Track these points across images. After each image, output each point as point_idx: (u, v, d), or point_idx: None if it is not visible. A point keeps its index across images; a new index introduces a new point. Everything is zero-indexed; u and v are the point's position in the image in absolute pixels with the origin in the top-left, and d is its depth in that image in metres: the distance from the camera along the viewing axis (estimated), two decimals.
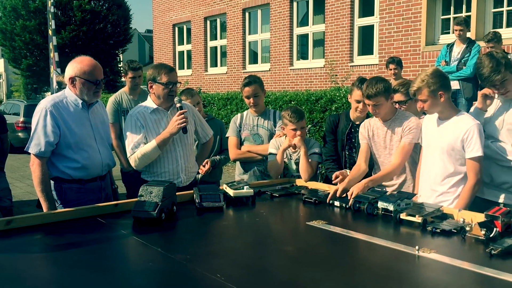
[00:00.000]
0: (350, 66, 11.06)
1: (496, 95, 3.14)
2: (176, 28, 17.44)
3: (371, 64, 10.48)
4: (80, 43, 21.86)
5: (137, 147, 3.34)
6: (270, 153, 3.77)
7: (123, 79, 5.09)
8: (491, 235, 2.22)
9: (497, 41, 6.46)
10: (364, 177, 3.28)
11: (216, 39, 15.82)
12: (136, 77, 4.91)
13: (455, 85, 6.95)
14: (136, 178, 3.48)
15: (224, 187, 3.11)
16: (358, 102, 3.61)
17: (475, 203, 2.93)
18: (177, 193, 2.86)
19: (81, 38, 22.06)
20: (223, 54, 15.47)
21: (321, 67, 11.79)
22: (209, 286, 1.76)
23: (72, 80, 3.12)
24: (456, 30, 6.91)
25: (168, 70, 3.38)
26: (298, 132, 3.59)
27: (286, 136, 3.70)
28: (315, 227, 2.52)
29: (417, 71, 7.18)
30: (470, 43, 6.87)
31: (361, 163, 3.42)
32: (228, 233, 2.55)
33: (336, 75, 10.76)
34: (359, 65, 10.87)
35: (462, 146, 2.97)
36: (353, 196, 2.89)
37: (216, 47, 15.82)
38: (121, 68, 5.20)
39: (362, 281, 1.84)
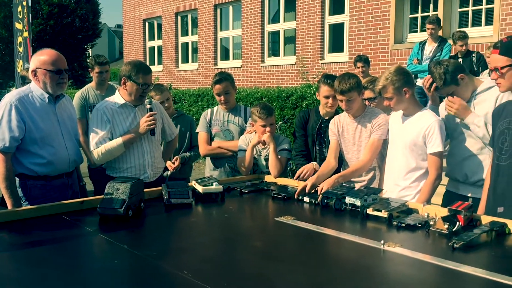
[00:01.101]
0: (321, 63, 11.15)
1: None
2: (147, 24, 17.23)
3: (341, 62, 10.59)
4: (47, 37, 21.38)
5: (102, 143, 3.32)
6: (240, 149, 3.77)
7: (91, 74, 4.99)
8: (454, 229, 2.27)
9: (462, 38, 6.61)
10: (334, 173, 3.32)
11: (187, 35, 15.70)
12: (103, 72, 4.83)
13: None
14: (104, 175, 3.43)
15: (193, 183, 3.10)
16: (327, 97, 3.64)
17: (451, 198, 2.98)
18: (145, 190, 2.84)
19: (48, 32, 21.57)
20: (195, 50, 15.37)
21: (292, 64, 11.85)
22: (175, 283, 1.75)
23: (35, 73, 3.06)
24: (428, 29, 7.04)
25: (146, 71, 3.37)
26: (268, 129, 3.60)
27: (256, 132, 3.71)
28: (283, 222, 2.53)
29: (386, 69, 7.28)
30: (441, 41, 7.02)
31: (330, 159, 3.46)
32: (196, 230, 2.54)
33: (307, 72, 10.84)
34: (330, 63, 10.97)
35: (424, 142, 3.04)
36: (322, 192, 2.92)
37: (187, 43, 15.70)
38: (89, 63, 5.11)
39: (328, 275, 1.86)
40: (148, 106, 3.39)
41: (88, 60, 5.04)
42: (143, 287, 1.73)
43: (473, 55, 6.69)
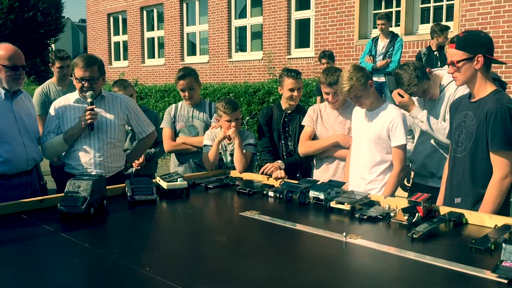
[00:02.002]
0: (288, 58, 11.20)
1: None
2: (111, 18, 16.91)
3: (308, 57, 10.67)
4: (8, 32, 20.71)
5: (47, 137, 3.32)
6: (205, 145, 3.75)
7: (52, 69, 4.87)
8: (413, 220, 2.32)
9: (440, 30, 6.73)
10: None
11: (153, 30, 15.50)
12: (64, 67, 4.71)
13: (381, 78, 7.23)
14: (66, 173, 3.36)
15: (158, 179, 3.07)
16: (292, 90, 3.68)
17: (421, 191, 3.04)
18: (108, 187, 2.79)
19: (9, 27, 20.91)
20: (161, 46, 15.19)
21: (259, 60, 11.86)
22: (137, 280, 1.73)
23: None
24: (378, 25, 7.17)
25: (82, 64, 3.26)
26: (233, 124, 3.60)
27: (221, 127, 3.70)
28: (248, 217, 2.54)
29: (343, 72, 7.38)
30: (393, 37, 7.15)
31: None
32: (160, 226, 2.52)
33: (274, 68, 10.87)
34: (296, 58, 11.04)
35: (388, 135, 3.10)
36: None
37: (153, 38, 15.50)
38: (49, 58, 4.93)
39: (290, 268, 1.87)
40: (88, 100, 3.28)
41: (49, 55, 4.90)
42: (103, 285, 1.71)
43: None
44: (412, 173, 3.44)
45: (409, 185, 3.51)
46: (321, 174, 3.53)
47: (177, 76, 3.97)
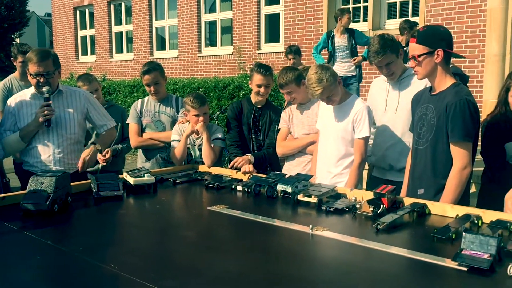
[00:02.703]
0: (258, 53, 11.20)
1: (386, 80, 3.34)
2: (78, 12, 16.55)
3: (278, 52, 10.69)
4: None
5: (3, 135, 3.25)
6: (173, 140, 3.72)
7: (14, 63, 4.73)
8: (378, 212, 2.37)
9: (410, 27, 6.83)
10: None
11: (121, 24, 15.24)
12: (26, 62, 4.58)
13: (352, 71, 7.33)
14: (25, 170, 3.29)
15: (124, 175, 3.03)
16: (259, 86, 3.69)
17: (376, 183, 3.08)
18: (73, 184, 2.74)
19: None
20: (129, 40, 14.96)
21: (229, 54, 11.82)
22: (101, 277, 1.70)
23: None
24: (346, 19, 7.17)
25: (36, 59, 3.17)
26: (201, 118, 3.58)
27: (189, 122, 3.68)
28: (215, 211, 2.53)
29: (308, 76, 7.43)
30: (350, 32, 7.23)
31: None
32: (126, 222, 2.49)
33: (244, 62, 10.86)
34: (267, 53, 11.05)
35: (353, 128, 3.14)
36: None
37: (121, 33, 15.25)
38: (11, 52, 4.79)
39: (256, 261, 1.88)
40: (45, 95, 3.21)
41: (11, 49, 4.77)
42: (66, 283, 1.67)
43: None
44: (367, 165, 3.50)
45: None
46: (290, 168, 3.55)
47: (142, 71, 3.92)
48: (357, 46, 7.21)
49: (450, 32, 2.81)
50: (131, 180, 2.93)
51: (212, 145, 3.61)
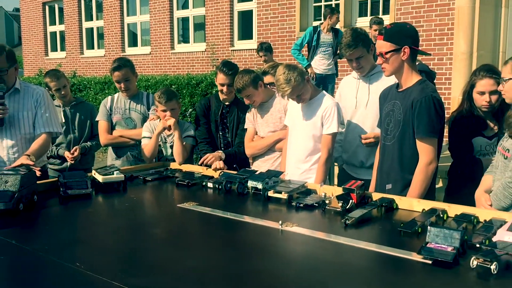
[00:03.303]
0: (231, 50, 11.18)
1: (356, 77, 3.37)
2: (47, 7, 16.18)
3: (251, 49, 10.68)
4: None
5: None
6: (144, 137, 3.68)
7: None
8: (347, 207, 2.39)
9: (378, 23, 6.90)
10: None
11: (91, 19, 14.98)
12: None
13: (331, 69, 7.39)
14: None
15: (93, 173, 2.98)
16: (222, 85, 3.67)
17: (345, 178, 3.12)
18: (40, 182, 2.69)
19: None
20: (100, 36, 14.72)
21: (202, 51, 11.76)
22: (65, 276, 1.67)
23: None
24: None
25: None
26: (168, 113, 3.56)
27: (160, 119, 3.64)
28: (185, 208, 2.52)
29: (278, 73, 7.45)
30: (335, 32, 7.29)
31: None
32: (94, 220, 2.44)
33: (217, 59, 10.81)
34: (240, 50, 11.03)
35: (322, 124, 3.16)
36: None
37: (92, 29, 14.99)
38: None
39: (226, 257, 1.88)
40: None
41: None
42: (30, 283, 1.64)
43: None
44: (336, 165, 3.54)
45: None
46: (260, 164, 3.56)
47: (111, 67, 3.85)
48: (338, 46, 7.25)
49: (416, 30, 2.86)
50: (99, 178, 2.89)
51: (184, 142, 3.59)
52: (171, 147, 3.66)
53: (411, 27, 2.86)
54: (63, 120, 4.12)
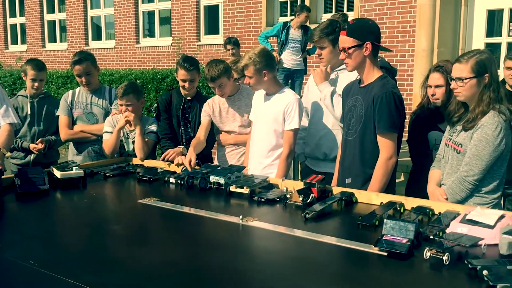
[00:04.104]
0: (198, 45, 11.08)
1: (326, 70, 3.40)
2: None
3: (217, 44, 10.62)
4: None
5: None
6: (106, 132, 3.62)
7: None
8: (308, 201, 2.42)
9: (344, 21, 6.97)
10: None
11: (54, 12, 14.56)
12: None
13: (299, 65, 7.43)
14: None
15: (51, 168, 2.91)
16: (184, 81, 3.63)
17: (308, 174, 3.13)
18: None
19: None
20: (63, 29, 14.34)
21: (168, 46, 11.62)
22: (19, 274, 1.63)
23: None
24: (302, 16, 7.26)
25: None
26: (123, 108, 3.51)
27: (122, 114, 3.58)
28: (146, 204, 2.49)
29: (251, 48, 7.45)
30: (305, 29, 7.34)
31: (200, 136, 3.52)
32: (51, 217, 2.39)
33: (184, 54, 10.70)
34: (206, 44, 10.95)
35: (283, 119, 3.18)
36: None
37: (54, 21, 14.58)
38: None
39: (186, 253, 1.87)
40: None
41: None
42: None
43: None
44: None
45: None
46: (223, 159, 3.55)
47: (72, 61, 3.77)
48: (307, 43, 7.29)
49: (377, 26, 2.90)
50: (58, 174, 2.82)
51: (146, 138, 3.55)
52: (133, 142, 3.61)
53: (373, 23, 2.90)
54: (29, 112, 4.02)
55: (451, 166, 2.63)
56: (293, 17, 7.60)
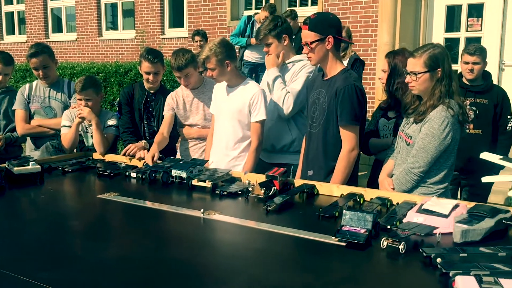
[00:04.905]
0: (162, 38, 10.94)
1: None
2: None
3: (182, 37, 10.52)
4: None
5: None
6: (64, 126, 3.53)
7: None
8: (270, 194, 2.42)
9: (292, 17, 6.99)
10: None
11: (12, 3, 14.08)
12: None
13: (263, 59, 7.41)
14: None
15: (6, 164, 2.82)
16: (148, 73, 3.57)
17: (263, 169, 3.14)
18: None
19: None
20: (22, 21, 13.89)
21: (132, 39, 11.42)
22: None
23: None
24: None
25: None
26: (83, 103, 3.44)
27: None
28: (106, 199, 2.45)
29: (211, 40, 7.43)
30: None
31: (164, 132, 3.47)
32: (6, 214, 2.31)
33: (147, 47, 10.54)
34: (170, 38, 10.82)
35: (249, 111, 3.18)
36: None
37: (12, 13, 14.11)
38: None
39: (144, 247, 1.84)
40: None
41: None
42: None
43: None
44: None
45: None
46: (186, 153, 3.52)
47: (28, 54, 3.64)
48: None
49: (339, 19, 2.92)
50: (13, 169, 2.74)
51: (106, 132, 3.48)
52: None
53: (334, 16, 2.92)
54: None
55: (401, 156, 2.69)
56: (258, 11, 7.59)
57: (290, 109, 3.23)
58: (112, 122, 3.59)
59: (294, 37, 7.14)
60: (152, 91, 3.67)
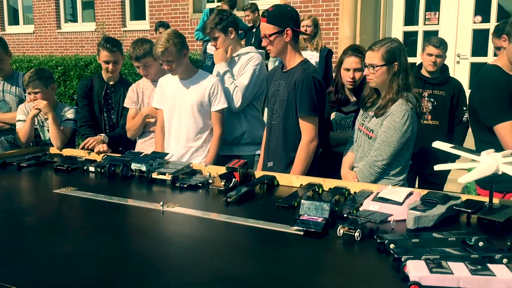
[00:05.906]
0: (123, 31, 10.75)
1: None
2: None
3: (143, 30, 10.37)
4: None
5: None
6: (19, 120, 3.43)
7: None
8: (230, 185, 2.43)
9: (252, 10, 7.02)
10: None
11: None
12: None
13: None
14: None
15: None
16: (107, 63, 3.51)
17: (217, 161, 3.12)
18: None
19: None
20: None
21: (92, 31, 11.18)
22: None
23: None
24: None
25: None
26: (38, 96, 3.35)
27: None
28: (63, 194, 2.40)
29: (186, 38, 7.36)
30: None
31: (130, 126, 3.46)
32: None
33: (105, 35, 10.34)
34: (132, 30, 10.65)
35: (209, 101, 3.16)
36: None
37: None
38: None
39: (101, 241, 1.82)
40: None
41: None
42: None
43: None
44: None
45: None
46: (143, 146, 3.46)
47: None
48: None
49: (297, 11, 2.94)
50: None
51: (63, 126, 3.40)
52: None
53: (292, 9, 2.93)
54: None
55: (362, 150, 2.74)
56: (219, 4, 7.56)
57: (239, 103, 3.25)
58: (70, 115, 3.50)
59: (254, 30, 7.18)
60: (111, 82, 3.60)
